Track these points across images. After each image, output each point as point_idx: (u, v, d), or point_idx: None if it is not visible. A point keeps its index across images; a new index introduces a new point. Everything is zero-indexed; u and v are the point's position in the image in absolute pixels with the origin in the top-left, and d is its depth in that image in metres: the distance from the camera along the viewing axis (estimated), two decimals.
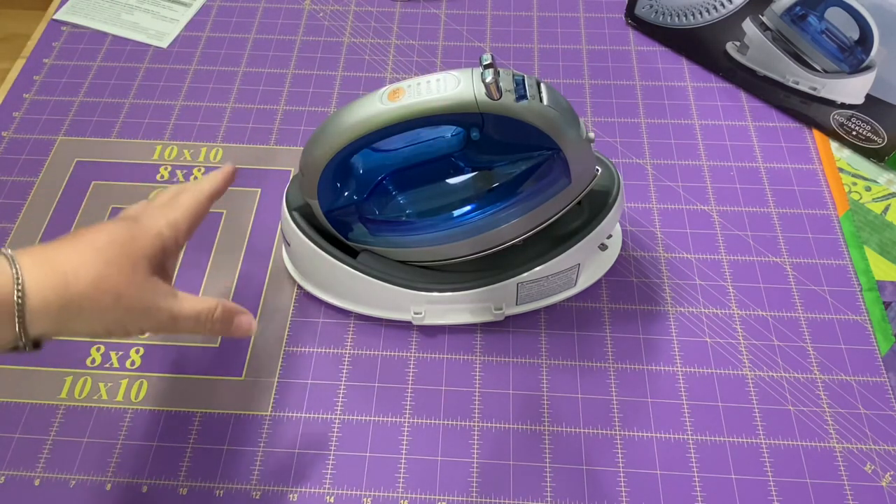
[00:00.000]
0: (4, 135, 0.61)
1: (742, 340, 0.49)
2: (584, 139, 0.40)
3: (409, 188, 0.46)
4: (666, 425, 0.45)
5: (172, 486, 0.43)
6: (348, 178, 0.45)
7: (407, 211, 0.46)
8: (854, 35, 0.53)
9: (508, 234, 0.44)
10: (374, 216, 0.46)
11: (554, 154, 0.42)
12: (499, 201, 0.44)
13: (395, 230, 0.46)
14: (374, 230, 0.46)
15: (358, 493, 0.43)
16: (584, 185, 0.43)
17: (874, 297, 0.51)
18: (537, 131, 0.39)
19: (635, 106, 0.63)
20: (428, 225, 0.46)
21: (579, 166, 0.41)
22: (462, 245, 0.45)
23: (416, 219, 0.46)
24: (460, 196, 0.45)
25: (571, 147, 0.40)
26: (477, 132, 0.41)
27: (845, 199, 0.56)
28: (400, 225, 0.46)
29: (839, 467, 0.44)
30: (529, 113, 0.38)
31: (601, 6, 0.71)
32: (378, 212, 0.46)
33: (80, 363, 0.48)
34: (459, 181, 0.45)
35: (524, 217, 0.44)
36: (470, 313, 0.48)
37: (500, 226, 0.44)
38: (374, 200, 0.46)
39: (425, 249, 0.46)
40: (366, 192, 0.46)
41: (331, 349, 0.49)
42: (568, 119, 0.39)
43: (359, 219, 0.46)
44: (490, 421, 0.46)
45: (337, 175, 0.43)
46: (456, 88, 0.37)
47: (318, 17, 0.70)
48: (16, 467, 0.44)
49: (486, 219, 0.44)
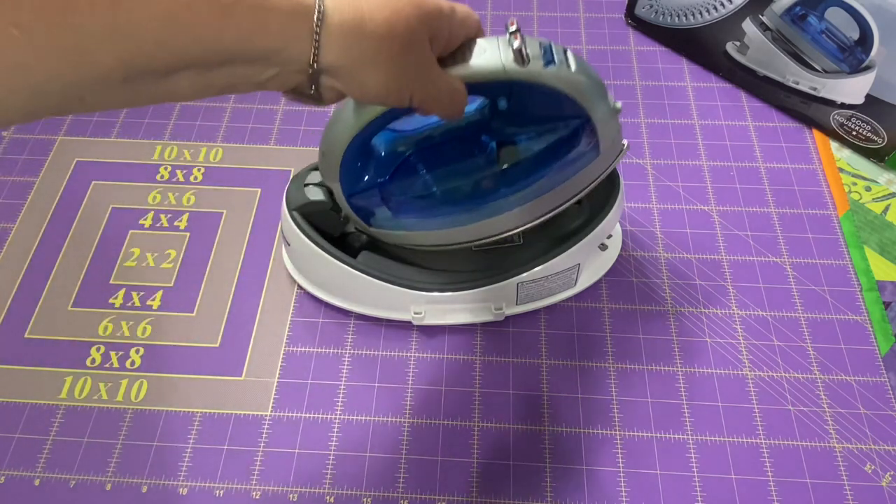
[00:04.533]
0: (4, 135, 0.61)
1: (742, 340, 0.49)
2: (612, 108, 0.40)
3: (435, 166, 0.45)
4: (666, 425, 0.45)
5: (172, 486, 0.43)
6: (370, 160, 0.43)
7: (433, 189, 0.44)
8: (854, 35, 0.53)
9: (538, 210, 0.43)
10: (398, 197, 0.45)
11: (582, 125, 0.41)
12: (526, 176, 0.43)
13: (421, 211, 0.45)
14: (397, 212, 0.44)
15: (358, 493, 0.43)
16: (612, 157, 0.42)
17: (874, 297, 0.51)
18: (566, 99, 0.38)
19: (635, 106, 0.63)
20: (454, 202, 0.44)
21: (608, 137, 0.40)
22: (491, 223, 0.44)
23: (443, 197, 0.45)
24: (486, 172, 0.44)
25: (601, 116, 0.39)
26: (504, 101, 0.40)
27: (845, 199, 0.56)
28: (425, 205, 0.45)
29: (839, 467, 0.44)
30: (558, 80, 0.37)
31: (601, 6, 0.71)
32: (403, 193, 0.45)
33: (80, 363, 0.48)
34: (485, 157, 0.44)
35: (553, 192, 0.42)
36: (470, 313, 0.48)
37: (528, 202, 0.43)
38: (399, 181, 0.44)
39: (452, 231, 0.44)
40: (389, 173, 0.44)
41: (331, 349, 0.49)
42: (597, 86, 0.38)
43: (381, 200, 0.44)
44: (490, 421, 0.46)
45: (359, 156, 0.42)
46: (483, 56, 0.36)
47: None
48: (16, 467, 0.44)
49: (515, 195, 0.43)
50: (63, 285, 0.52)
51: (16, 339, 0.49)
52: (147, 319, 0.50)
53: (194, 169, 0.58)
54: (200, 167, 0.59)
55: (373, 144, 0.43)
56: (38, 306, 0.51)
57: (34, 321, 0.50)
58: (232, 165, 0.59)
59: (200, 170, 0.58)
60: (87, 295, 0.51)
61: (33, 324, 0.50)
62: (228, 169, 0.58)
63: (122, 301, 0.51)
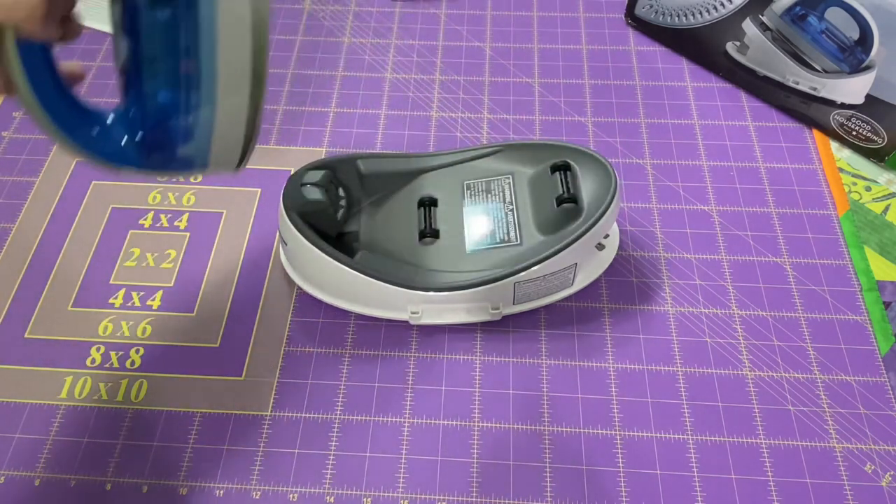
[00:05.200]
0: (4, 135, 0.61)
1: (742, 340, 0.49)
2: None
3: None
4: (666, 425, 0.45)
5: (172, 486, 0.43)
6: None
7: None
8: (854, 35, 0.53)
9: None
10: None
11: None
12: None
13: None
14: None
15: (358, 493, 0.43)
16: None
17: (874, 297, 0.51)
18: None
19: (635, 106, 0.63)
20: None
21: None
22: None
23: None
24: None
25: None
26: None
27: (845, 199, 0.56)
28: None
29: (839, 467, 0.44)
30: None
31: (601, 6, 0.71)
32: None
33: (80, 363, 0.48)
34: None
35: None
36: (467, 313, 0.48)
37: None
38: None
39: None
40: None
41: (331, 349, 0.49)
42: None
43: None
44: (490, 421, 0.46)
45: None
46: None
47: (318, 17, 0.70)
48: (16, 467, 0.44)
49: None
50: (63, 285, 0.52)
51: (16, 339, 0.49)
52: (147, 319, 0.50)
53: None
54: None
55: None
56: (38, 306, 0.51)
57: (34, 321, 0.50)
58: None
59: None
60: (87, 295, 0.51)
61: (33, 324, 0.50)
62: None
63: (122, 301, 0.51)
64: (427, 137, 0.61)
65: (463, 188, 0.51)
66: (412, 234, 0.50)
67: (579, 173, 0.48)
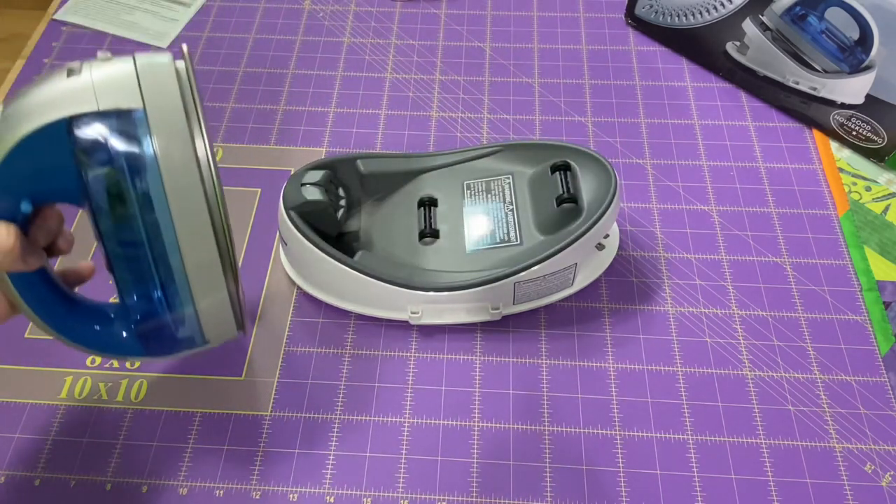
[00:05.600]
0: None
1: (742, 340, 0.49)
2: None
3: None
4: (666, 425, 0.45)
5: (172, 486, 0.43)
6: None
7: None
8: (854, 35, 0.53)
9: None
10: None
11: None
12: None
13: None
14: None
15: (358, 493, 0.43)
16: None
17: (874, 297, 0.51)
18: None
19: (635, 106, 0.63)
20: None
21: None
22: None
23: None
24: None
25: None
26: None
27: (845, 199, 0.56)
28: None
29: (839, 467, 0.44)
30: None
31: (601, 6, 0.71)
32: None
33: (80, 363, 0.48)
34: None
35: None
36: (467, 313, 0.48)
37: None
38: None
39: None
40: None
41: (331, 349, 0.49)
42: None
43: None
44: (490, 421, 0.46)
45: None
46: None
47: (318, 17, 0.70)
48: (16, 467, 0.44)
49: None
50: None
51: (16, 339, 0.49)
52: None
53: None
54: None
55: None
56: None
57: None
58: (232, 165, 0.59)
59: None
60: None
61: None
62: (228, 169, 0.58)
63: None
64: (427, 137, 0.61)
65: (463, 188, 0.51)
66: (412, 234, 0.50)
67: (579, 173, 0.48)
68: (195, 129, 0.32)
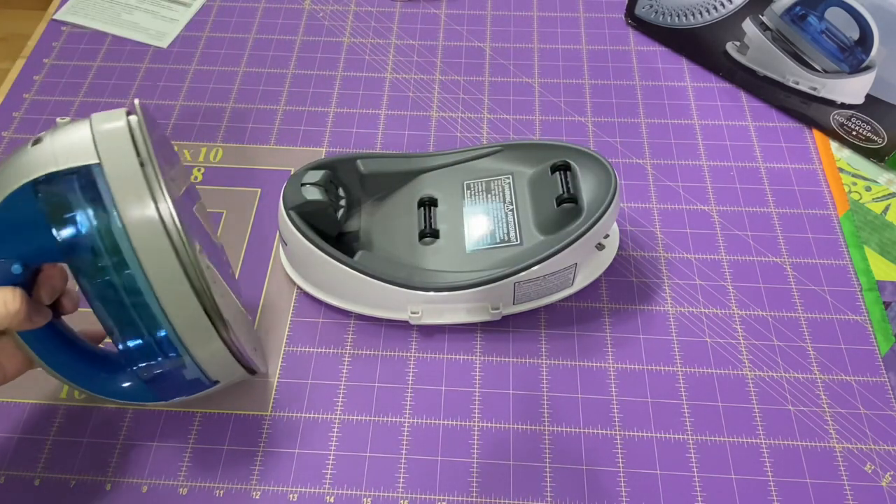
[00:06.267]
0: (4, 135, 0.61)
1: (742, 340, 0.49)
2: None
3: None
4: (666, 425, 0.45)
5: (172, 486, 0.43)
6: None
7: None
8: (854, 35, 0.53)
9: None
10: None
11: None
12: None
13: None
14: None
15: (358, 493, 0.43)
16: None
17: (874, 297, 0.51)
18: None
19: (635, 106, 0.63)
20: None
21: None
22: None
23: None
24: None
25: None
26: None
27: (845, 199, 0.56)
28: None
29: (839, 467, 0.44)
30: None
31: (601, 6, 0.71)
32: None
33: None
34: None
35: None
36: (467, 313, 0.48)
37: None
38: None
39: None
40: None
41: (331, 349, 0.49)
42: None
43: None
44: (490, 421, 0.46)
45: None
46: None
47: (318, 17, 0.70)
48: (16, 467, 0.44)
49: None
50: None
51: None
52: None
53: (194, 169, 0.58)
54: (200, 167, 0.59)
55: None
56: None
57: None
58: (232, 165, 0.59)
59: (200, 170, 0.58)
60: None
61: None
62: (228, 169, 0.59)
63: None
64: (427, 137, 0.61)
65: (463, 188, 0.51)
66: (412, 233, 0.50)
67: (579, 173, 0.48)
68: (155, 187, 0.33)
